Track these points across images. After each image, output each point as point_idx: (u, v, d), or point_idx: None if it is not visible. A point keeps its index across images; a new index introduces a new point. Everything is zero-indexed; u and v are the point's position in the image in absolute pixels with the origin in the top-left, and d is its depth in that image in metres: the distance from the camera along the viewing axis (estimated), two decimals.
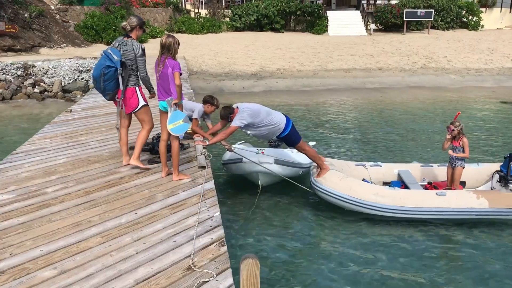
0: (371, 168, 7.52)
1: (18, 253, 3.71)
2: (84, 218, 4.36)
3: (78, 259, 3.62)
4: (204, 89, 15.93)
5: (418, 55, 22.45)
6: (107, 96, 5.70)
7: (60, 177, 5.50)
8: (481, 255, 5.71)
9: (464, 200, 6.33)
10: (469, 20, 31.08)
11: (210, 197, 4.89)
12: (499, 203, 6.30)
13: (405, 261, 5.55)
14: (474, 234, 6.25)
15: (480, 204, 6.29)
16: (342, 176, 6.69)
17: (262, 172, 7.16)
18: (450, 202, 6.30)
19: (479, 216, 6.33)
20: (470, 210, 6.29)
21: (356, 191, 6.47)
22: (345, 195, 6.47)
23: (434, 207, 6.29)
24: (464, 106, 15.05)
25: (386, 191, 6.49)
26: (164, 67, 5.22)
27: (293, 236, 6.14)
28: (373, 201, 6.38)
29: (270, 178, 7.35)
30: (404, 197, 6.39)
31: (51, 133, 7.63)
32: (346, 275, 5.22)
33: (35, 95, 14.57)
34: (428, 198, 6.37)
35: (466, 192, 6.51)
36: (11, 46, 19.20)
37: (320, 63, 20.77)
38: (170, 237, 3.99)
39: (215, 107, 7.00)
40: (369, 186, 6.69)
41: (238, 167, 7.26)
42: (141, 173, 5.66)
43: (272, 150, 7.56)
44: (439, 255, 5.71)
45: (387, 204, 6.35)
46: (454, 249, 5.87)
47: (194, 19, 28.02)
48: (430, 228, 6.37)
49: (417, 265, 5.47)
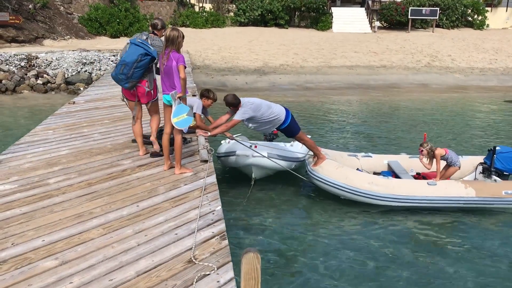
0: (362, 159, 7.86)
1: (20, 243, 3.72)
2: (86, 210, 4.37)
3: (79, 250, 3.63)
4: (207, 84, 15.92)
5: (423, 53, 22.39)
6: (128, 84, 5.69)
7: (62, 169, 5.50)
8: (467, 242, 6.02)
9: (453, 189, 6.72)
10: (474, 19, 30.98)
11: (212, 191, 4.89)
12: (485, 192, 6.72)
13: (402, 251, 5.70)
14: (460, 221, 6.60)
15: (467, 193, 6.69)
16: (338, 165, 7.01)
17: (255, 165, 7.33)
18: (440, 191, 6.69)
19: (466, 204, 6.73)
20: (459, 199, 6.69)
21: (352, 179, 6.80)
22: (341, 183, 6.80)
23: (425, 195, 6.66)
24: (467, 104, 15.03)
25: (380, 180, 6.83)
26: (169, 60, 5.20)
27: (292, 228, 6.22)
28: (368, 190, 6.73)
29: (263, 171, 7.55)
30: (397, 186, 6.73)
31: (53, 125, 7.63)
32: (345, 267, 5.27)
33: (38, 87, 14.58)
34: (420, 187, 6.73)
35: (455, 182, 6.88)
36: (15, 37, 19.21)
37: (323, 59, 20.73)
38: (171, 230, 3.99)
39: (213, 101, 7.03)
40: (364, 175, 7.00)
41: (232, 160, 7.39)
42: (143, 165, 5.66)
43: (265, 143, 7.70)
44: (436, 244, 5.95)
45: (382, 193, 6.68)
46: (444, 237, 6.15)
47: (199, 13, 27.99)
48: (425, 218, 6.69)
49: (411, 254, 5.62)
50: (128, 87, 5.73)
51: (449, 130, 11.69)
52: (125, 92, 5.92)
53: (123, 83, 5.69)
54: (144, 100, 5.90)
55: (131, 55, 5.57)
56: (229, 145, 7.49)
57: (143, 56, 5.57)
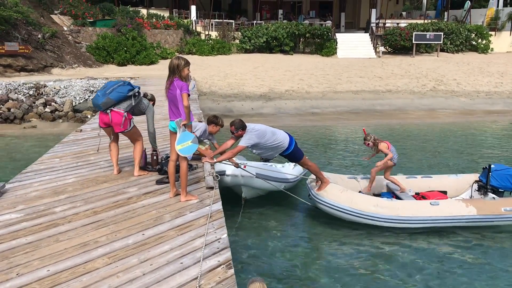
0: (362, 181, 7.99)
1: (25, 273, 3.69)
2: (91, 238, 4.35)
3: (84, 279, 3.60)
4: (214, 110, 16.01)
5: (428, 77, 22.46)
6: (104, 99, 5.98)
7: (68, 197, 5.51)
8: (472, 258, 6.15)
9: (455, 208, 6.89)
10: (478, 43, 31.13)
11: (218, 219, 4.86)
12: (485, 210, 6.91)
13: (406, 270, 5.80)
14: (461, 239, 6.77)
15: (469, 211, 6.87)
16: (342, 189, 7.11)
17: (245, 185, 7.47)
18: (443, 211, 6.84)
19: (468, 222, 6.92)
20: (461, 218, 6.86)
21: (357, 203, 6.90)
22: (347, 207, 6.90)
23: (428, 216, 6.80)
24: (473, 127, 14.98)
25: (385, 202, 6.94)
26: (172, 88, 5.25)
27: (293, 250, 6.27)
28: (374, 212, 6.82)
29: (253, 191, 7.71)
30: (402, 207, 6.86)
31: (60, 153, 7.68)
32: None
33: (46, 115, 14.73)
34: (423, 208, 6.88)
35: (456, 201, 7.07)
36: (24, 66, 19.52)
37: (329, 85, 20.84)
38: (177, 258, 3.96)
39: (220, 127, 7.13)
40: (368, 198, 7.10)
41: (222, 179, 7.38)
42: (149, 193, 5.66)
43: (255, 164, 7.71)
44: (435, 262, 6.04)
45: (386, 215, 6.79)
46: (448, 256, 6.25)
47: (205, 40, 28.34)
48: (422, 236, 6.82)
49: (413, 272, 5.72)
50: (102, 102, 5.97)
51: (452, 152, 11.69)
52: (100, 118, 6.18)
53: (100, 99, 5.98)
54: (117, 129, 6.16)
55: (115, 82, 6.17)
56: (219, 165, 7.43)
57: (126, 85, 6.10)
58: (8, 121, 14.24)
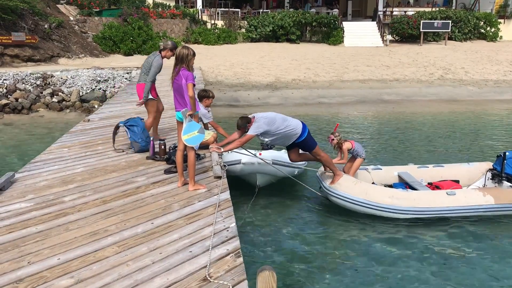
0: (373, 172, 7.83)
1: (36, 261, 3.73)
2: (101, 227, 4.39)
3: (94, 268, 3.63)
4: (220, 99, 16.00)
5: (435, 66, 22.29)
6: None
7: (77, 186, 5.54)
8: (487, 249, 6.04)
9: (472, 198, 6.74)
10: (487, 31, 30.77)
11: (226, 208, 4.88)
12: (502, 199, 6.75)
13: (421, 262, 5.68)
14: (476, 230, 6.59)
15: (486, 201, 6.71)
16: (356, 181, 6.95)
17: (260, 173, 7.49)
18: (460, 200, 6.68)
19: (486, 212, 6.77)
20: (478, 207, 6.71)
21: (372, 195, 6.74)
22: (361, 199, 6.73)
23: (446, 206, 6.64)
24: (481, 116, 14.88)
25: (401, 193, 6.77)
26: (178, 77, 5.25)
27: (303, 240, 6.27)
28: (390, 204, 6.65)
29: (267, 179, 7.73)
30: (418, 198, 6.69)
31: (69, 142, 7.71)
32: (361, 281, 5.21)
33: (53, 105, 14.78)
34: (440, 198, 6.71)
35: (473, 191, 6.92)
36: (31, 57, 19.56)
37: (336, 73, 20.74)
38: (186, 247, 3.98)
39: (212, 98, 7.57)
40: (383, 189, 6.96)
41: (237, 168, 7.45)
42: (157, 182, 5.68)
43: (268, 151, 7.73)
44: (452, 254, 5.93)
45: (403, 206, 6.62)
46: (464, 247, 6.15)
47: (211, 30, 28.23)
48: (436, 227, 6.68)
49: (430, 264, 5.60)
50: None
51: (461, 141, 11.65)
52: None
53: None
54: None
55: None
56: (233, 154, 7.45)
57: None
58: (16, 111, 14.30)
